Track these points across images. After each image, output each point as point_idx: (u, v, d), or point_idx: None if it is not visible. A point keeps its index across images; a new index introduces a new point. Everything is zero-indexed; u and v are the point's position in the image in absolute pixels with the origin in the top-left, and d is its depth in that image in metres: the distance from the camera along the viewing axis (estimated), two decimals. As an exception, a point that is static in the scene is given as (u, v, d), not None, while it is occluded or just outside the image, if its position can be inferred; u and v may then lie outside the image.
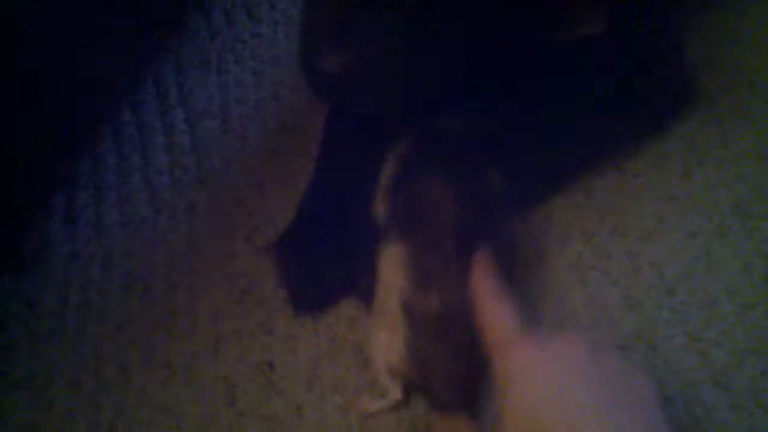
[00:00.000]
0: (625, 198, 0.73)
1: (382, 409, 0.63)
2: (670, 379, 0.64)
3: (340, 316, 0.70)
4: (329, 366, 0.69)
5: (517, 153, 0.70)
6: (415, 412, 0.64)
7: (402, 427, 0.64)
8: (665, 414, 0.52)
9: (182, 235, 0.79)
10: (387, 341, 0.62)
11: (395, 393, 0.62)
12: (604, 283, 0.69)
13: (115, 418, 0.69)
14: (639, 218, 0.71)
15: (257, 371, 0.69)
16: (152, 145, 0.85)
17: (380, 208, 0.68)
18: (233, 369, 0.70)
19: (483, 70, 0.66)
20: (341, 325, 0.70)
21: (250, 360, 0.70)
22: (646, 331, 0.66)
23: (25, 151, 0.80)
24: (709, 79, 0.73)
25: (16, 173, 0.79)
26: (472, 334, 0.60)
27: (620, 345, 0.66)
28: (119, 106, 0.88)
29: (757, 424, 0.61)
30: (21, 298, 0.76)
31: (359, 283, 0.70)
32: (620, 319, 0.67)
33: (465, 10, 0.60)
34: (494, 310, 0.60)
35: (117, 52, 0.88)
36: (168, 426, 0.68)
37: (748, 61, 0.74)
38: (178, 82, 0.90)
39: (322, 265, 0.72)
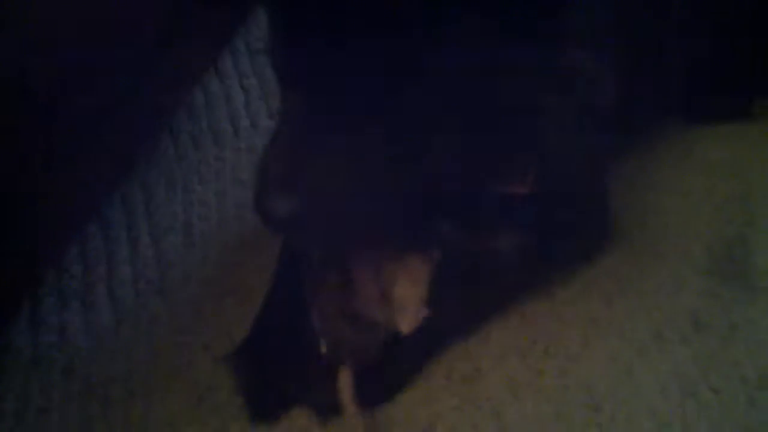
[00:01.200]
0: (555, 322, 0.80)
1: None
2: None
3: (293, 425, 0.75)
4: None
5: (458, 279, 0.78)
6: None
7: None
8: None
9: (142, 344, 0.83)
10: None
11: None
12: (536, 399, 0.75)
13: None
14: (567, 341, 0.79)
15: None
16: (117, 257, 0.90)
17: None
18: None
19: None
20: (294, 434, 0.75)
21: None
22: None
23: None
24: (628, 220, 0.83)
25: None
26: None
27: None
28: (87, 220, 0.93)
29: None
30: (-19, 400, 0.79)
31: (312, 393, 0.75)
32: (552, 432, 0.73)
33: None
34: None
35: (89, 171, 0.94)
36: None
37: (661, 205, 0.84)
38: (145, 200, 0.96)
39: (277, 374, 0.77)
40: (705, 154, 0.87)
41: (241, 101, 1.05)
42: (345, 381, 0.74)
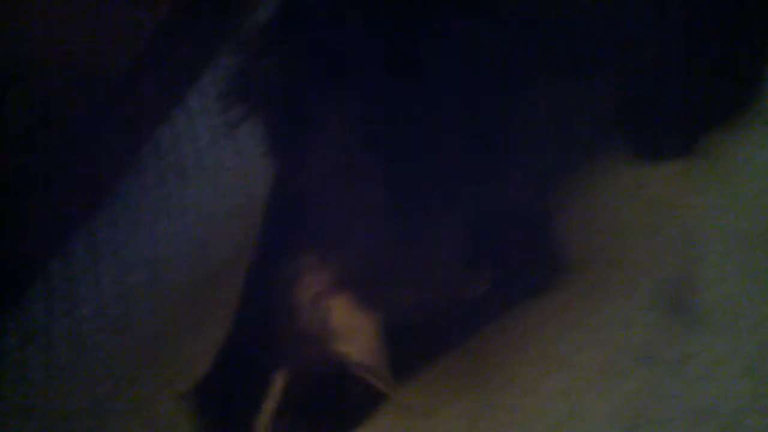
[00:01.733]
0: (509, 358, 0.82)
1: None
2: None
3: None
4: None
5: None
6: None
7: None
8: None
9: (104, 380, 0.85)
10: None
11: None
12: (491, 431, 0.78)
13: None
14: (521, 375, 0.81)
15: None
16: (80, 293, 0.92)
17: None
18: None
19: None
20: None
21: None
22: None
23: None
24: (580, 257, 0.85)
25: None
26: None
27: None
28: (50, 256, 0.95)
29: None
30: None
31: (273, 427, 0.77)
32: (503, 463, 0.75)
33: None
34: None
35: (54, 207, 0.96)
36: None
37: (608, 243, 0.87)
38: (110, 236, 0.97)
39: (238, 410, 0.78)
40: (652, 191, 0.90)
41: (207, 140, 1.07)
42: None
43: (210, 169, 1.03)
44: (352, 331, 0.79)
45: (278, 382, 0.77)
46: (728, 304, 0.82)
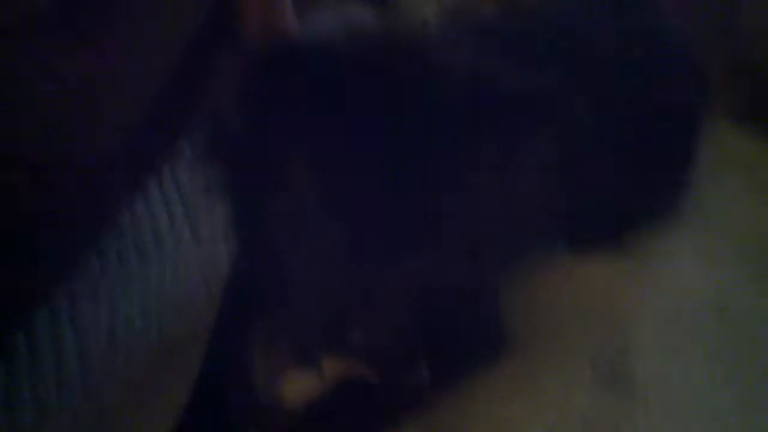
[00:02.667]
0: (459, 425, 0.87)
1: None
2: None
3: None
4: None
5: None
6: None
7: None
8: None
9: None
10: None
11: None
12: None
13: None
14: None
15: None
16: (42, 363, 0.93)
17: None
18: None
19: None
20: None
21: None
22: None
23: None
24: (522, 336, 0.91)
25: None
26: None
27: None
28: (13, 329, 0.96)
29: None
30: None
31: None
32: None
33: None
34: None
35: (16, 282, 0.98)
36: None
37: (551, 323, 0.95)
38: (70, 308, 1.00)
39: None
40: (585, 278, 1.00)
41: (165, 223, 1.11)
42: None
43: (169, 252, 1.07)
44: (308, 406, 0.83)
45: None
46: (657, 377, 0.90)
